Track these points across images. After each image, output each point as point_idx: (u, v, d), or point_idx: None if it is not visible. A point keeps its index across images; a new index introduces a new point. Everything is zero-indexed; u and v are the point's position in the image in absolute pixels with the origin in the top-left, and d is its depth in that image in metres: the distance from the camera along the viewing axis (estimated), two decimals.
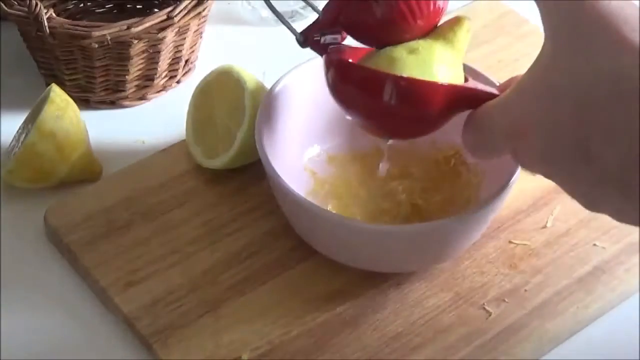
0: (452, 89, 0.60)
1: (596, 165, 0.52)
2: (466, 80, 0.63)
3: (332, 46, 0.66)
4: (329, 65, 0.63)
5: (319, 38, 0.66)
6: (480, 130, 0.59)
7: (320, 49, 0.66)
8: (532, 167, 0.57)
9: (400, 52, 0.62)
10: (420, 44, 0.62)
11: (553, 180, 0.56)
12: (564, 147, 0.53)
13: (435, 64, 0.61)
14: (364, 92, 0.61)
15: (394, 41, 0.62)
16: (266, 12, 0.92)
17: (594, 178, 0.53)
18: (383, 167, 0.72)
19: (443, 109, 0.60)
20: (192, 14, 0.81)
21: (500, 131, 0.57)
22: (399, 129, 0.63)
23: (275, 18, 0.91)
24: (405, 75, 0.60)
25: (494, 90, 0.61)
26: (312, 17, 0.72)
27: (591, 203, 0.55)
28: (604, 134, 0.51)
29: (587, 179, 0.53)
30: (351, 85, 0.62)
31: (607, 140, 0.51)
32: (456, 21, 0.63)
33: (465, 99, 0.60)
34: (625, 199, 0.52)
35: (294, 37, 0.66)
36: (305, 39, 0.66)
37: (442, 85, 0.60)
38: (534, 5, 0.56)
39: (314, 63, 0.74)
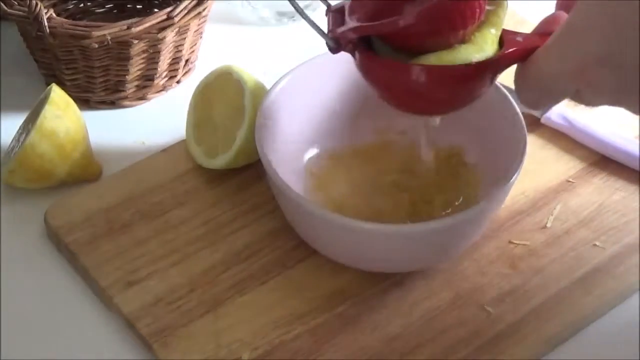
0: (501, 58, 0.61)
1: None
2: (501, 39, 0.63)
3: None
4: (383, 71, 0.62)
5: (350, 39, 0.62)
6: (540, 82, 0.59)
7: (353, 48, 0.62)
8: (601, 101, 0.57)
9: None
10: (474, 34, 0.62)
11: (621, 107, 0.56)
12: (630, 73, 0.53)
13: (489, 47, 0.61)
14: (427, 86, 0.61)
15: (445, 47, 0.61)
16: (266, 12, 0.92)
17: None
18: (426, 151, 0.72)
19: (492, 76, 0.61)
20: (192, 14, 0.81)
21: (564, 75, 0.57)
22: (458, 104, 0.64)
23: (276, 18, 0.92)
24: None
25: (535, 39, 0.61)
26: (318, 10, 0.71)
27: None
28: None
29: None
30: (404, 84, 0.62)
31: None
32: (498, 4, 0.63)
33: (512, 59, 0.61)
34: None
35: (294, 37, 0.65)
36: (338, 45, 0.62)
37: (494, 60, 0.60)
38: (534, 5, 0.56)
39: (313, 63, 0.74)
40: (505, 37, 0.62)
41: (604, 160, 0.78)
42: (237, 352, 0.65)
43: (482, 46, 0.61)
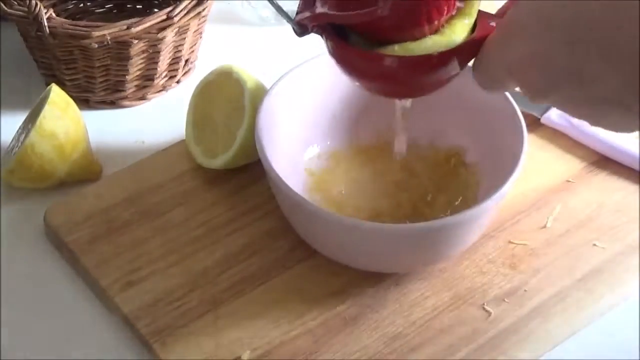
0: (454, 51, 0.60)
1: (593, 87, 0.51)
2: (475, 24, 0.63)
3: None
4: (343, 61, 0.62)
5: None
6: (484, 69, 0.59)
7: (320, 32, 0.63)
8: (538, 98, 0.56)
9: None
10: (444, 25, 0.62)
11: (557, 107, 0.56)
12: (561, 75, 0.52)
13: (458, 37, 0.61)
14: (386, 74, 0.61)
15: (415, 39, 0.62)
16: (266, 12, 0.92)
17: (594, 99, 0.52)
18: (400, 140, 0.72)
19: (461, 62, 0.61)
20: (192, 14, 0.81)
21: (501, 69, 0.57)
22: (427, 90, 0.64)
23: (275, 18, 0.92)
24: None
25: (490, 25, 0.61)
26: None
27: (595, 122, 0.55)
28: (598, 55, 0.50)
29: (587, 101, 0.53)
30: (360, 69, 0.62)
31: (603, 61, 0.50)
32: None
33: (471, 50, 0.61)
34: (625, 112, 0.51)
35: (294, 37, 0.65)
36: (304, 29, 0.63)
37: (455, 49, 0.60)
38: None
39: (313, 63, 0.74)
40: (480, 24, 0.62)
41: (604, 160, 0.78)
42: (237, 352, 0.65)
43: (450, 36, 0.61)
